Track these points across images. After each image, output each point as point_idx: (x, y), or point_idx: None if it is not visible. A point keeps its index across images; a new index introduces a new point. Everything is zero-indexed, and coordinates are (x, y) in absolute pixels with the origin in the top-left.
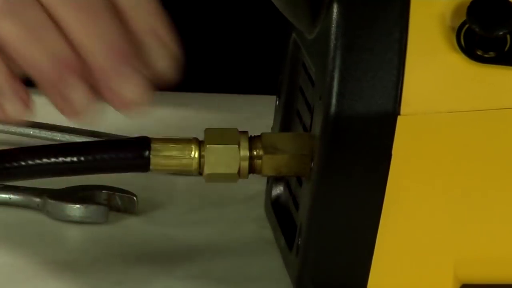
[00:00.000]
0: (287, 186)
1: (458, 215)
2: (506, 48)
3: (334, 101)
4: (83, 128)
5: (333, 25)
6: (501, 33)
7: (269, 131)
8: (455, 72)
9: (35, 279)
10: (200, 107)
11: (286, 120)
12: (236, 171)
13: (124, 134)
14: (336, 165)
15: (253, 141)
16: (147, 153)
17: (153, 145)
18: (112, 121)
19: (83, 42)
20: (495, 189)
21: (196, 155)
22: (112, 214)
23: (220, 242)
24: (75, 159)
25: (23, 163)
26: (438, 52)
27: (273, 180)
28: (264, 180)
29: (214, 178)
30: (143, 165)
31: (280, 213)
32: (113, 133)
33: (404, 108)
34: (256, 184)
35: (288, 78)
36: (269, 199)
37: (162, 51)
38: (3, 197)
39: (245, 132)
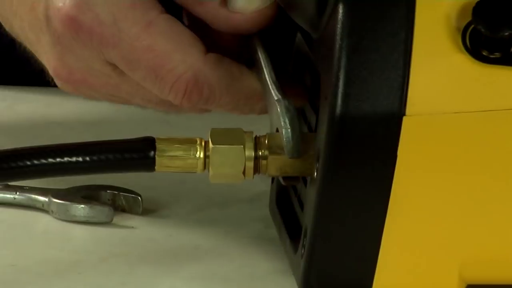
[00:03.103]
0: (292, 186)
1: (463, 216)
2: None
3: (339, 101)
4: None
5: (339, 26)
6: (506, 33)
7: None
8: (461, 72)
9: (40, 279)
10: None
11: None
12: (241, 171)
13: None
14: (341, 166)
15: (258, 141)
16: (152, 153)
17: (158, 146)
18: (116, 123)
19: None
20: (501, 189)
21: (201, 155)
22: (116, 214)
23: (225, 242)
24: (80, 159)
25: (28, 163)
26: (444, 53)
27: (278, 180)
28: (269, 180)
29: (219, 178)
30: (148, 165)
31: (285, 213)
32: (118, 132)
33: (409, 108)
34: (261, 184)
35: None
36: (274, 199)
37: None
38: (8, 197)
39: (251, 132)
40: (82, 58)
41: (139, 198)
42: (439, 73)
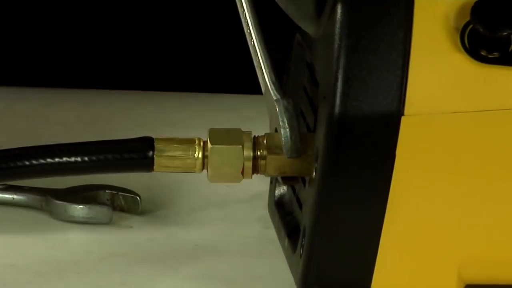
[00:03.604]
0: (291, 186)
1: (462, 216)
2: (510, 48)
3: (338, 101)
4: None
5: (337, 26)
6: (505, 33)
7: (273, 132)
8: (459, 72)
9: (38, 279)
10: (203, 107)
11: None
12: (239, 171)
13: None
14: (340, 166)
15: (257, 141)
16: (151, 153)
17: (157, 145)
18: (115, 121)
19: None
20: (500, 189)
21: (200, 155)
22: (115, 214)
23: (223, 242)
24: (79, 159)
25: (27, 163)
26: (442, 53)
27: (276, 180)
28: (268, 180)
29: (218, 178)
30: (147, 165)
31: (284, 213)
32: (117, 132)
33: (408, 108)
34: (260, 184)
35: (292, 78)
36: (273, 199)
37: None
38: (6, 197)
39: (249, 132)
40: None
41: (138, 198)
42: (438, 73)
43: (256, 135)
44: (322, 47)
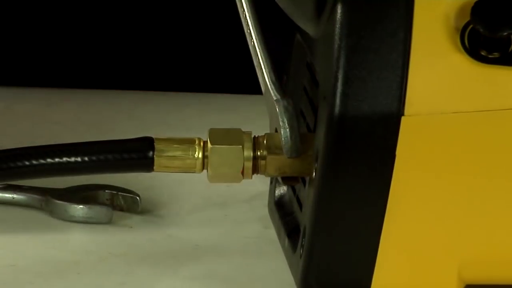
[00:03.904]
0: (291, 186)
1: (462, 216)
2: (511, 48)
3: (338, 101)
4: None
5: (337, 26)
6: (505, 33)
7: (273, 132)
8: (459, 72)
9: (38, 279)
10: (203, 107)
11: None
12: (240, 171)
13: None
14: (340, 166)
15: (257, 141)
16: (151, 153)
17: (157, 146)
18: (115, 121)
19: None
20: (500, 189)
21: (200, 155)
22: (115, 214)
23: (224, 242)
24: (79, 159)
25: (27, 163)
26: (442, 53)
27: (276, 180)
28: (268, 180)
29: (218, 178)
30: (147, 165)
31: (284, 213)
32: (117, 132)
33: (408, 108)
34: (260, 185)
35: (292, 78)
36: (273, 199)
37: None
38: (6, 196)
39: (249, 132)
40: None
41: (138, 198)
42: (438, 73)
43: (256, 135)
44: (322, 47)
